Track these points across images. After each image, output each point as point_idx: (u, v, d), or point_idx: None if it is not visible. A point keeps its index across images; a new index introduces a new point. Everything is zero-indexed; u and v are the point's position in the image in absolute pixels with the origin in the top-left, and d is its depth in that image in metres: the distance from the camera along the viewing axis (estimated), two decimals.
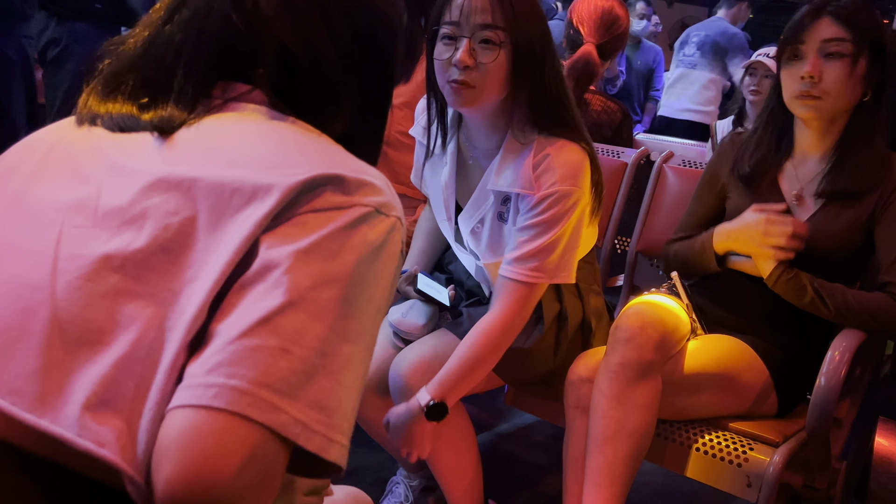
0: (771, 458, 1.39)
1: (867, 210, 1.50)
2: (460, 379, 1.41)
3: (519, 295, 1.42)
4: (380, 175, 0.67)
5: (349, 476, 1.95)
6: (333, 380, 0.57)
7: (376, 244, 0.62)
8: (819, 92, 1.47)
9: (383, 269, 0.63)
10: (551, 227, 1.39)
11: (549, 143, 1.41)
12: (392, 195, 0.66)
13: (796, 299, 1.49)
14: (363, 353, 0.60)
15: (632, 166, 2.07)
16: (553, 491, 1.60)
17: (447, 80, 1.37)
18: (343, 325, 0.58)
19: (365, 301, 0.60)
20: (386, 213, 0.64)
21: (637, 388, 1.37)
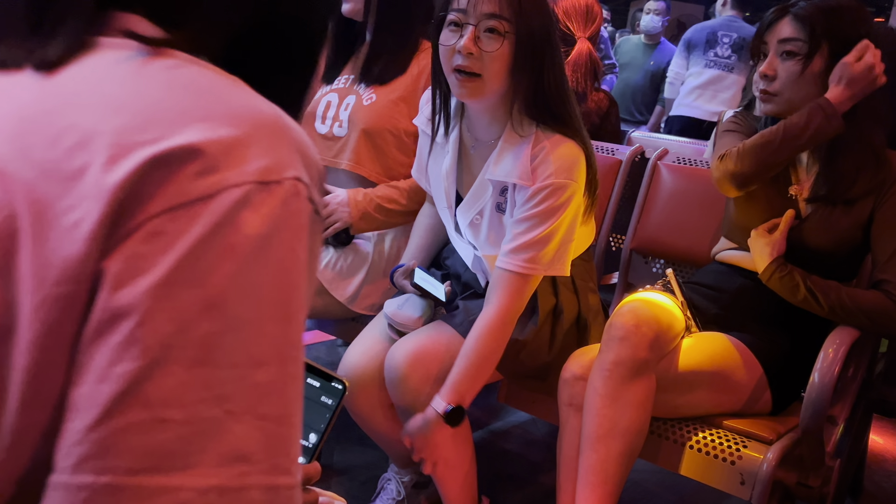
0: (764, 456, 1.39)
1: (867, 209, 1.50)
2: (471, 379, 1.44)
3: (515, 286, 1.44)
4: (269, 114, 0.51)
5: (342, 474, 1.95)
6: (249, 420, 0.46)
7: (264, 233, 0.47)
8: (773, 90, 1.50)
9: (286, 259, 0.48)
10: (546, 219, 1.42)
11: (547, 137, 1.44)
12: (287, 141, 0.50)
13: (790, 296, 1.49)
14: (288, 368, 0.48)
15: (626, 164, 2.06)
16: (547, 489, 1.60)
17: (452, 67, 1.40)
18: (243, 352, 0.46)
19: (268, 310, 0.47)
20: (274, 178, 0.48)
21: (631, 387, 1.37)
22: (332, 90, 1.90)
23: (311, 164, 0.51)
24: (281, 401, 0.47)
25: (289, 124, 0.51)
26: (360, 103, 1.83)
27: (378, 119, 1.81)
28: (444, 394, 1.43)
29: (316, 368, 0.78)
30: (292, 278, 0.48)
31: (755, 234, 1.55)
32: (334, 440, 2.07)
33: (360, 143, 1.82)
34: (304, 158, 0.50)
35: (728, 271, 1.64)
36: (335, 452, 2.04)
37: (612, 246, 2.10)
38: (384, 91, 1.82)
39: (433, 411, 1.44)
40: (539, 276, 1.47)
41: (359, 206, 1.78)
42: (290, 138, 0.50)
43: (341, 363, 1.65)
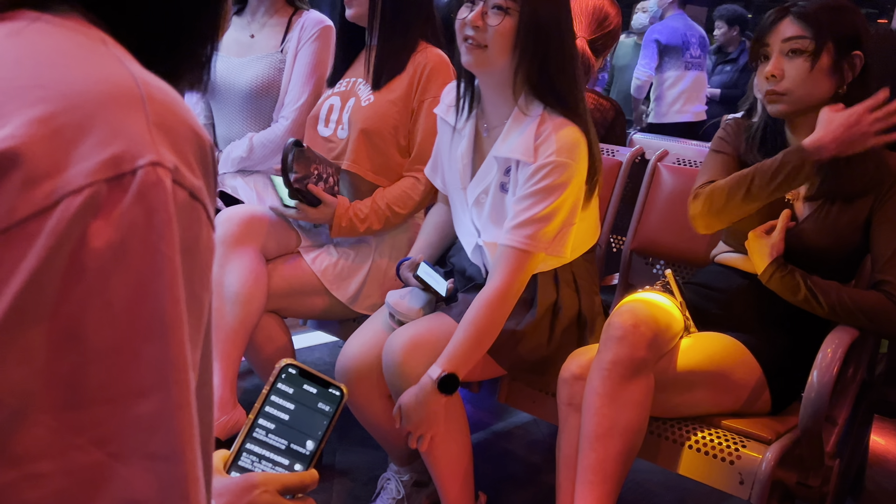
0: (763, 456, 1.39)
1: (866, 209, 1.50)
2: (467, 350, 1.47)
3: (515, 263, 1.49)
4: (119, 85, 0.41)
5: (343, 475, 1.96)
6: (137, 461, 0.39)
7: (118, 240, 0.39)
8: (782, 90, 1.50)
9: (150, 265, 0.40)
10: (547, 197, 1.47)
11: (552, 119, 1.51)
12: (142, 116, 0.41)
13: (790, 296, 1.50)
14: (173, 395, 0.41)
15: (626, 165, 2.07)
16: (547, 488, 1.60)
17: (462, 37, 1.51)
18: (117, 384, 0.39)
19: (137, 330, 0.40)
20: (126, 169, 0.39)
21: (629, 386, 1.37)
22: (334, 93, 1.92)
23: (183, 138, 0.43)
24: (171, 435, 0.40)
25: (147, 92, 0.42)
26: (358, 104, 1.86)
27: (375, 119, 1.83)
28: (439, 362, 1.47)
29: (313, 375, 0.78)
30: (162, 288, 0.40)
31: (753, 235, 1.55)
32: (335, 441, 2.07)
33: (359, 144, 1.84)
34: (168, 133, 0.42)
35: (727, 272, 1.64)
36: (336, 453, 2.05)
37: (612, 247, 2.10)
38: (382, 92, 1.85)
39: (428, 378, 1.46)
40: (540, 256, 1.50)
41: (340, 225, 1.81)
42: (147, 110, 0.41)
43: (340, 355, 1.66)
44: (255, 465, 0.73)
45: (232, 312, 1.70)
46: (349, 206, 1.82)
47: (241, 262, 1.74)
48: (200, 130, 0.45)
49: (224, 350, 1.69)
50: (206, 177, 0.45)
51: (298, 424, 0.75)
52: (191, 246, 0.42)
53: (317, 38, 2.06)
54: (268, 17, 2.13)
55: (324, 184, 1.81)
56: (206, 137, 0.45)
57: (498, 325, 1.50)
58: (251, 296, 1.72)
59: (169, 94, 0.44)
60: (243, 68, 2.08)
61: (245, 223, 1.77)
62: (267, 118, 2.10)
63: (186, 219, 0.42)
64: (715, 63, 4.90)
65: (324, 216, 1.80)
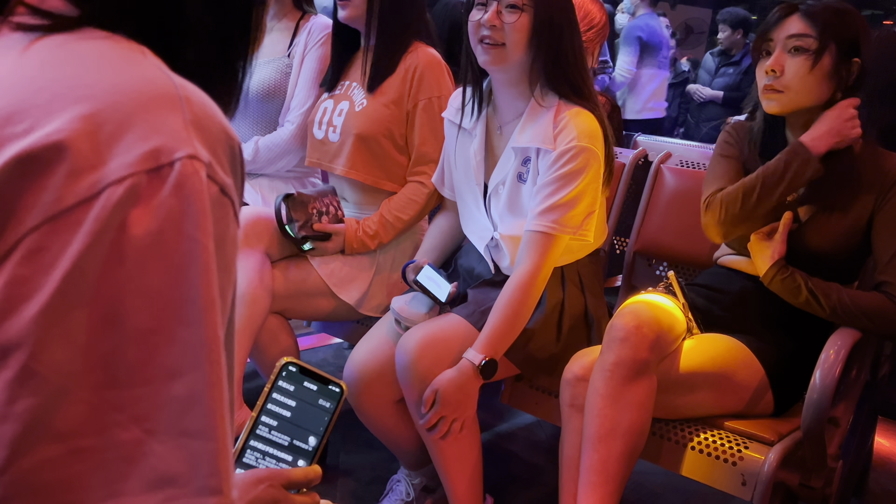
0: (766, 457, 1.39)
1: (867, 211, 1.50)
2: (503, 334, 1.52)
3: (543, 247, 1.53)
4: (157, 85, 0.44)
5: (347, 475, 1.97)
6: (171, 438, 0.42)
7: (157, 228, 0.41)
8: (780, 86, 1.50)
9: (187, 252, 0.42)
10: (572, 181, 1.52)
11: (569, 108, 1.56)
12: (179, 114, 0.44)
13: (792, 298, 1.50)
14: (207, 375, 0.43)
15: (630, 166, 2.07)
16: (551, 489, 1.61)
17: (478, 38, 1.55)
18: (153, 365, 0.41)
19: (173, 314, 0.42)
20: (164, 161, 0.42)
21: (632, 387, 1.38)
22: (328, 97, 1.94)
23: (216, 138, 0.45)
24: (204, 413, 0.43)
25: (184, 94, 0.45)
26: (352, 109, 1.86)
27: (370, 124, 1.84)
28: (478, 347, 1.50)
29: (312, 372, 0.79)
30: (196, 273, 0.43)
31: (755, 237, 1.55)
32: (340, 441, 2.08)
33: (355, 149, 1.85)
34: (203, 132, 0.44)
35: (730, 274, 1.64)
36: (341, 453, 2.05)
37: (615, 248, 2.11)
38: (375, 95, 1.84)
39: (468, 363, 1.49)
40: (565, 241, 1.55)
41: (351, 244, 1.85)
42: (185, 110, 0.44)
43: (348, 362, 1.67)
44: (259, 462, 0.75)
45: (237, 313, 1.70)
46: (357, 225, 1.85)
47: (247, 263, 1.75)
48: (232, 133, 0.47)
49: None
50: (234, 176, 0.47)
51: (300, 421, 0.77)
52: (220, 239, 0.44)
53: (323, 43, 2.07)
54: (275, 22, 2.14)
55: (327, 217, 1.85)
56: (236, 139, 0.48)
57: (530, 307, 1.54)
58: (257, 296, 1.73)
59: (204, 97, 0.47)
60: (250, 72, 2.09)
61: (251, 224, 1.79)
62: (273, 122, 2.11)
63: (217, 212, 0.44)
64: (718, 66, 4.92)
65: (338, 244, 1.84)
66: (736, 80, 4.75)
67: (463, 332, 1.55)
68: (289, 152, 2.07)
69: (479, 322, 1.56)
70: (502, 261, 1.65)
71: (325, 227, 1.82)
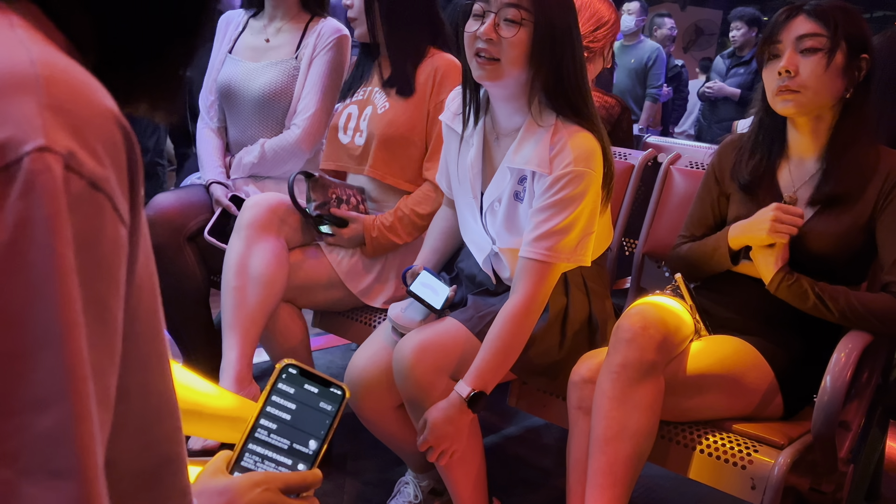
0: (776, 461, 1.38)
1: (867, 211, 1.49)
2: (495, 366, 1.48)
3: (539, 275, 1.48)
4: (10, 64, 0.38)
5: (354, 477, 1.96)
6: (41, 479, 0.37)
7: (7, 239, 0.36)
8: (796, 86, 1.48)
9: (43, 264, 0.36)
10: (567, 207, 1.46)
11: (566, 128, 1.49)
12: (32, 97, 0.37)
13: (800, 304, 1.48)
14: (74, 405, 0.37)
15: (639, 168, 2.06)
16: (558, 492, 1.60)
17: (473, 51, 1.47)
18: (18, 396, 0.36)
19: (33, 336, 0.37)
20: (11, 158, 0.36)
21: (639, 389, 1.37)
22: (352, 102, 1.98)
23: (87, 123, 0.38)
24: (72, 451, 0.37)
25: (43, 74, 0.37)
26: (375, 113, 1.92)
27: (391, 126, 1.89)
28: (468, 379, 1.47)
29: (314, 374, 0.78)
30: (52, 288, 0.36)
31: (756, 247, 1.54)
32: (346, 443, 2.08)
33: (378, 151, 1.90)
34: (65, 117, 0.37)
35: (738, 276, 1.63)
36: (348, 455, 2.05)
37: (624, 250, 2.10)
38: (396, 98, 1.90)
39: (457, 395, 1.46)
40: (562, 266, 1.51)
41: (372, 239, 1.87)
42: (40, 92, 0.37)
43: (348, 368, 1.67)
44: (258, 466, 0.74)
45: (254, 293, 1.74)
46: (375, 218, 1.88)
47: (267, 245, 1.79)
48: (115, 117, 0.40)
49: (244, 328, 1.73)
50: (117, 166, 0.40)
51: (301, 424, 0.76)
52: (90, 242, 0.38)
53: (332, 47, 2.08)
54: (284, 22, 2.14)
55: (346, 205, 1.88)
56: (122, 125, 0.41)
57: (523, 339, 1.49)
58: (273, 278, 1.76)
59: (77, 76, 0.39)
60: (257, 73, 2.10)
61: (272, 209, 1.82)
62: (279, 124, 2.12)
63: (84, 212, 0.37)
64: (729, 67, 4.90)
65: (355, 233, 1.86)
66: (748, 79, 4.73)
67: (461, 337, 1.54)
68: (294, 155, 2.08)
69: (478, 327, 1.55)
70: (503, 272, 1.63)
71: (342, 213, 1.85)
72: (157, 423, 0.48)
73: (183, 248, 2.00)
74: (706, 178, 1.71)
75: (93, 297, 0.38)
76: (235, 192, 2.08)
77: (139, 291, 0.44)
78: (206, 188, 2.10)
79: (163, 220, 1.97)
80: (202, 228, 2.00)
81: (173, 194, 2.12)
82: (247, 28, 2.18)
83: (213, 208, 2.05)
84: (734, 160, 1.64)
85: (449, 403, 1.46)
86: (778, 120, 1.58)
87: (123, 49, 0.46)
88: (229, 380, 1.68)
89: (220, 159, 2.15)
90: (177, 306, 1.94)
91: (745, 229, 1.54)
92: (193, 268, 2.00)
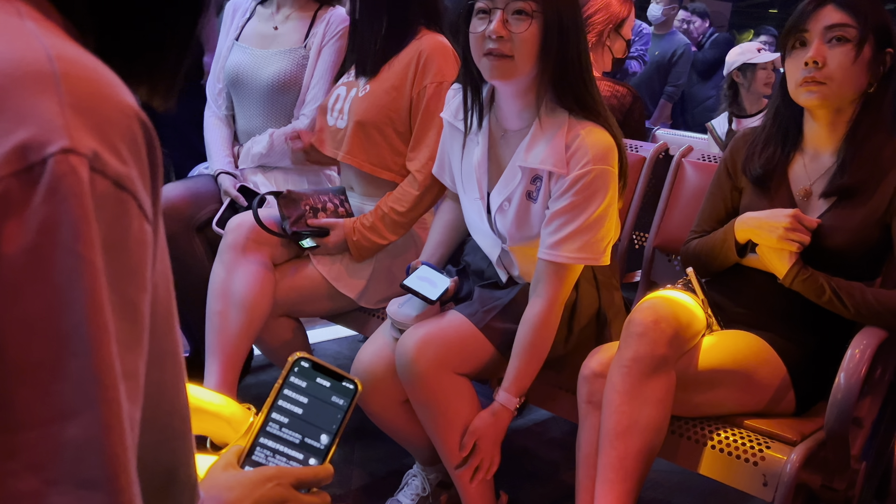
0: (788, 457, 1.36)
1: (882, 205, 1.47)
2: (531, 372, 1.52)
3: (559, 277, 1.49)
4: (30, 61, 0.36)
5: (362, 469, 1.96)
6: (68, 490, 0.36)
7: (32, 243, 0.35)
8: (823, 77, 1.45)
9: (70, 269, 0.35)
10: (588, 207, 1.45)
11: (580, 125, 1.47)
12: (53, 95, 0.36)
13: (815, 299, 1.47)
14: (103, 413, 0.37)
15: (650, 161, 2.04)
16: (567, 487, 1.59)
17: (483, 52, 1.43)
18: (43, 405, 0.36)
19: (60, 344, 0.36)
20: (35, 159, 0.35)
21: (650, 383, 1.36)
22: (342, 83, 1.93)
23: (108, 120, 0.37)
24: (101, 460, 0.37)
25: (61, 70, 0.36)
26: (356, 95, 1.86)
27: (370, 110, 1.83)
28: (509, 389, 1.51)
29: (326, 368, 0.77)
30: (80, 294, 0.36)
31: (762, 249, 1.50)
32: (354, 436, 2.07)
33: (354, 135, 1.85)
34: (88, 115, 0.36)
35: (750, 271, 1.61)
36: (356, 447, 2.05)
37: (634, 244, 2.08)
38: (377, 81, 1.84)
39: (504, 408, 1.50)
40: (580, 267, 1.51)
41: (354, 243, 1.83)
42: (61, 90, 0.36)
43: (354, 363, 1.66)
44: (269, 460, 0.73)
45: (236, 317, 1.73)
46: (354, 220, 1.84)
47: (249, 268, 1.76)
48: (135, 112, 0.39)
49: (226, 352, 1.73)
50: (138, 163, 0.39)
51: (312, 418, 0.75)
52: (117, 242, 0.37)
53: (341, 36, 2.06)
54: (292, 10, 2.13)
55: (323, 213, 1.84)
56: (142, 120, 0.40)
57: (550, 340, 1.52)
58: (256, 302, 1.75)
59: (95, 71, 0.39)
60: (265, 62, 2.08)
61: (254, 231, 1.79)
62: (288, 114, 2.10)
63: (110, 212, 0.37)
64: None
65: (338, 238, 1.82)
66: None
67: (464, 331, 1.52)
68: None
69: (482, 322, 1.53)
70: (513, 270, 1.62)
71: (319, 222, 1.81)
72: (169, 420, 0.47)
73: (192, 238, 2.00)
74: (718, 173, 1.69)
75: (122, 299, 0.38)
76: (243, 182, 2.07)
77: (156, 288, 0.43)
78: (214, 178, 2.09)
79: (172, 210, 1.97)
80: (211, 219, 2.00)
81: (182, 184, 2.11)
82: (254, 15, 2.16)
83: (222, 199, 2.05)
84: (746, 154, 1.62)
85: (497, 417, 1.50)
86: (795, 111, 1.56)
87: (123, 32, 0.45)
88: None
89: (227, 149, 2.14)
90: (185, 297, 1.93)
91: (755, 225, 1.51)
92: (202, 258, 1.99)
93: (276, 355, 1.89)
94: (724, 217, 1.65)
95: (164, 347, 0.45)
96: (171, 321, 0.46)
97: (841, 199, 1.50)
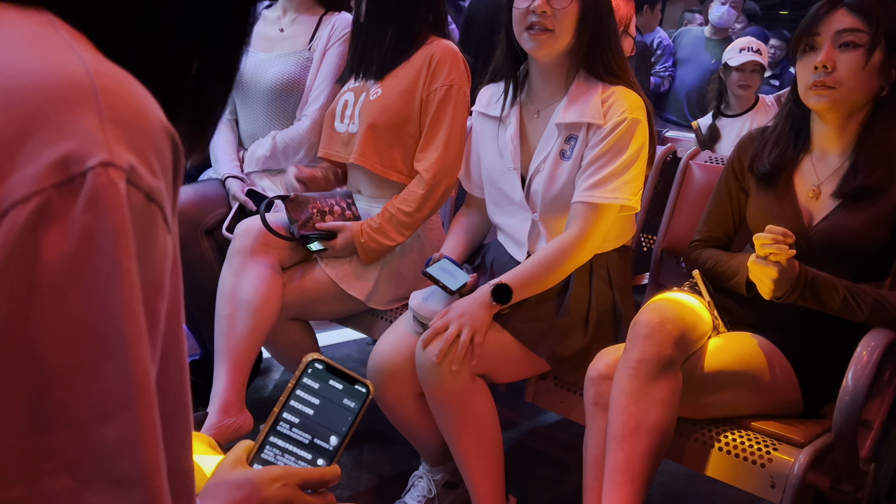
0: (796, 459, 1.36)
1: (891, 205, 1.46)
2: (530, 277, 1.57)
3: (593, 216, 1.57)
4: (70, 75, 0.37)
5: (370, 471, 1.97)
6: (104, 488, 0.37)
7: (72, 250, 0.36)
8: (832, 81, 1.45)
9: (108, 276, 0.37)
10: (622, 151, 1.56)
11: (613, 87, 1.61)
12: (93, 110, 0.37)
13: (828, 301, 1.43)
14: (139, 415, 0.38)
15: (658, 163, 2.04)
16: (575, 489, 1.59)
17: (525, 26, 1.57)
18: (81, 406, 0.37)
19: (98, 347, 0.37)
20: (76, 171, 0.36)
21: (656, 384, 1.36)
22: (349, 89, 1.95)
23: (142, 134, 0.39)
24: (137, 459, 0.38)
25: (100, 85, 0.38)
26: (367, 99, 1.88)
27: (382, 113, 1.85)
28: (503, 278, 1.55)
29: (340, 370, 0.78)
30: (119, 300, 0.37)
31: (752, 262, 1.41)
32: (363, 437, 2.08)
33: (366, 138, 1.86)
34: (124, 129, 0.38)
35: None
36: (364, 450, 2.06)
37: (643, 246, 2.08)
38: (389, 84, 1.86)
39: (486, 295, 1.52)
40: (615, 210, 1.58)
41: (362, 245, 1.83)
42: (101, 105, 0.37)
43: (371, 355, 1.67)
44: (278, 459, 0.74)
45: (243, 320, 1.74)
46: (362, 223, 1.85)
47: (257, 271, 1.78)
48: (164, 126, 0.41)
49: (234, 356, 1.74)
50: (166, 176, 0.41)
51: (323, 420, 0.75)
52: (145, 252, 0.39)
53: (346, 40, 2.07)
54: (299, 14, 2.14)
55: (330, 216, 1.85)
56: (171, 134, 0.42)
57: (566, 269, 1.58)
58: (263, 305, 1.76)
59: (129, 86, 0.40)
60: (270, 64, 2.10)
61: (262, 235, 1.81)
62: (291, 116, 2.12)
63: (142, 223, 0.38)
64: None
65: (347, 241, 1.83)
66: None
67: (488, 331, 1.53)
68: (304, 146, 2.08)
69: (507, 322, 1.54)
70: (540, 243, 1.66)
71: (327, 225, 1.82)
72: (169, 427, 0.48)
73: (200, 242, 2.01)
74: (724, 175, 1.68)
75: (148, 308, 0.39)
76: (251, 186, 2.08)
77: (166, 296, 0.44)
78: (222, 182, 2.11)
79: (181, 214, 1.97)
80: (220, 222, 2.01)
81: (191, 188, 2.13)
82: (260, 19, 2.18)
83: (230, 203, 2.06)
84: (754, 152, 1.61)
85: (474, 294, 1.54)
86: (806, 112, 1.56)
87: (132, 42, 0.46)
88: (216, 409, 1.70)
89: (233, 153, 2.15)
90: (194, 300, 1.96)
91: (753, 275, 1.44)
92: (211, 262, 2.01)
93: (286, 358, 1.91)
94: (730, 221, 1.65)
95: (169, 353, 0.46)
96: (177, 330, 0.47)
97: (851, 198, 1.49)
